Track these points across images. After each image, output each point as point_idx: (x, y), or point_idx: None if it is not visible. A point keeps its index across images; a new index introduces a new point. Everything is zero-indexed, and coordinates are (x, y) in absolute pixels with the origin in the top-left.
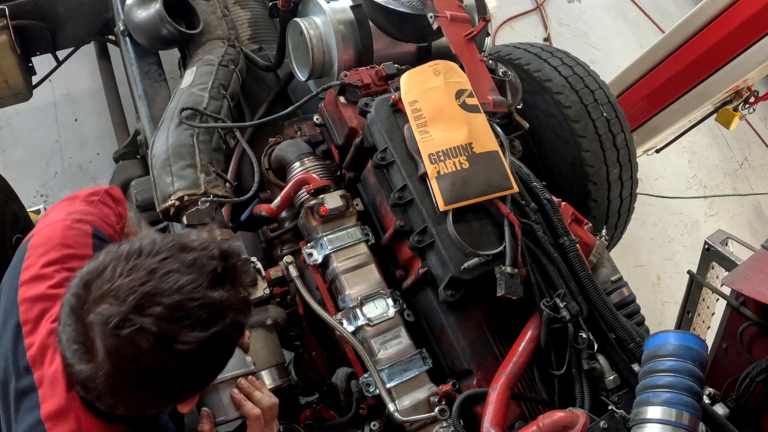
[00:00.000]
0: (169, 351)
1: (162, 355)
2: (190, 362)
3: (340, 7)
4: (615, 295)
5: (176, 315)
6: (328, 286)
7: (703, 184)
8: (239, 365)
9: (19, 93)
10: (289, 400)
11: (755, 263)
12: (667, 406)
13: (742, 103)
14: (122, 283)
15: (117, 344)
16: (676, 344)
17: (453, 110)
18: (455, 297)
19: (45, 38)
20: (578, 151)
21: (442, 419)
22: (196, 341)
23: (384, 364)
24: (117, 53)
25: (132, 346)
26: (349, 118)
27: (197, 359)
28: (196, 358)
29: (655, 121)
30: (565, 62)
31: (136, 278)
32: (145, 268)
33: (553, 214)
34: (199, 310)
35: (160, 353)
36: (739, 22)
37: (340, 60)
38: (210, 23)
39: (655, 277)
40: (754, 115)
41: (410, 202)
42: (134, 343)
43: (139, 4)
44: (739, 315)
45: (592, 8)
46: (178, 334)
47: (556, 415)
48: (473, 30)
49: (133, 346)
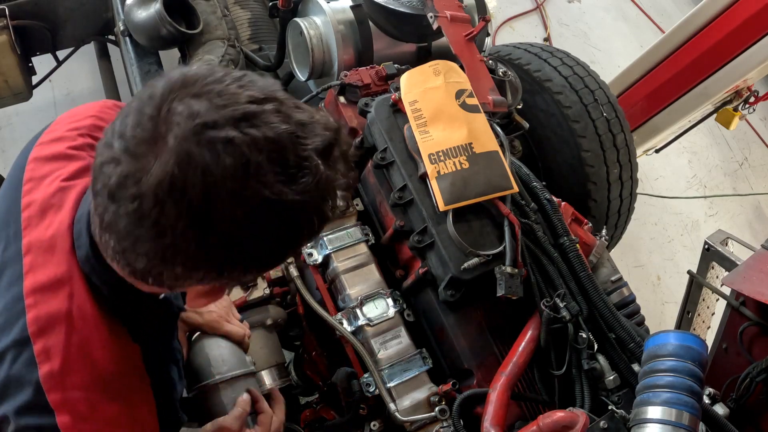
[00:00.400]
0: (245, 186)
1: (235, 187)
2: (254, 218)
3: (340, 7)
4: (615, 295)
5: (273, 154)
6: (328, 286)
7: (703, 184)
8: (239, 365)
9: (19, 93)
10: (289, 400)
11: (755, 263)
12: (667, 406)
13: (742, 103)
14: (234, 90)
15: (192, 147)
16: (676, 344)
17: (453, 110)
18: (455, 297)
19: (45, 38)
20: (578, 151)
21: (442, 419)
22: (278, 196)
23: (384, 364)
24: (117, 53)
25: (209, 154)
26: (349, 118)
27: (263, 220)
28: (263, 219)
29: (655, 121)
30: (565, 62)
31: (249, 95)
32: (261, 92)
33: (553, 214)
34: (299, 167)
35: (234, 183)
36: (739, 22)
37: (340, 60)
38: (210, 23)
39: (655, 277)
40: (754, 115)
41: (410, 202)
42: (214, 152)
43: (139, 4)
44: (739, 315)
45: (592, 8)
46: (264, 174)
47: (556, 415)
48: (473, 30)
49: (211, 154)
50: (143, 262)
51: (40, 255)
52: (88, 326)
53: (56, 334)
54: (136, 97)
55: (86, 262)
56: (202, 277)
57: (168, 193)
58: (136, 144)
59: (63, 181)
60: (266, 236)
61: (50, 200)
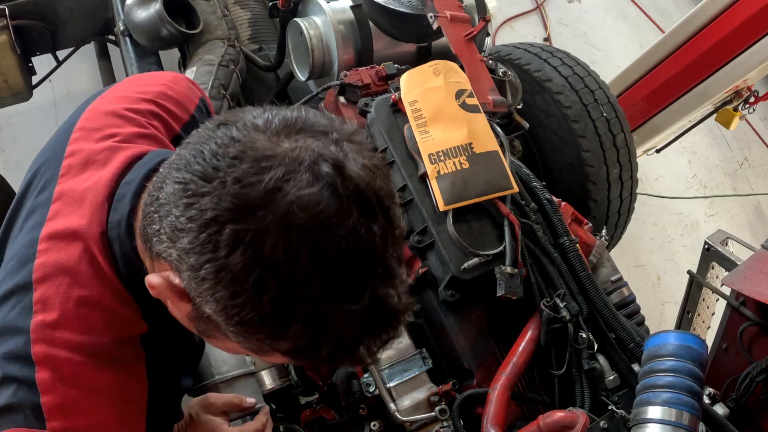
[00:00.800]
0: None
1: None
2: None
3: (340, 7)
4: (615, 295)
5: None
6: None
7: (703, 184)
8: (239, 365)
9: (19, 93)
10: (289, 400)
11: (755, 263)
12: (667, 406)
13: (742, 103)
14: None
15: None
16: (676, 344)
17: (453, 110)
18: (455, 297)
19: (45, 38)
20: (578, 151)
21: (442, 419)
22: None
23: (384, 364)
24: (117, 53)
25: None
26: (349, 118)
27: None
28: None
29: (655, 121)
30: (565, 62)
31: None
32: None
33: (553, 214)
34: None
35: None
36: (739, 22)
37: (340, 60)
38: (210, 23)
39: (655, 277)
40: (754, 115)
41: (410, 202)
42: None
43: (139, 4)
44: (739, 315)
45: (592, 8)
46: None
47: (557, 414)
48: (473, 30)
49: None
50: (164, 252)
51: (68, 205)
52: (93, 285)
53: (57, 284)
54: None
55: (116, 227)
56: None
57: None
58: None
59: (115, 142)
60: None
61: (96, 156)
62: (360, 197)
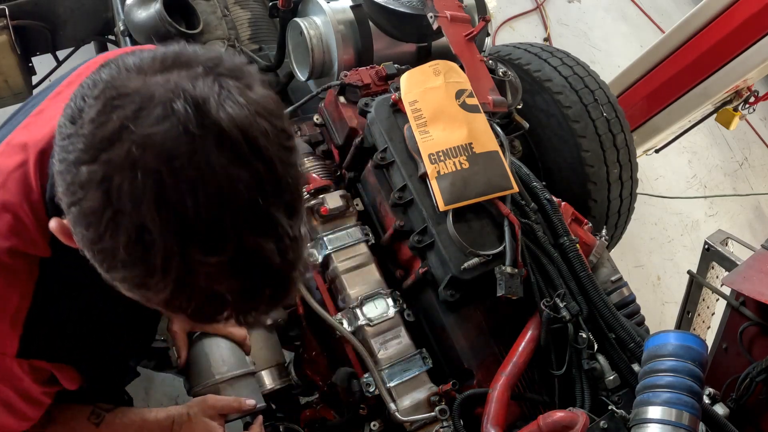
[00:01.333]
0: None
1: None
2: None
3: (340, 7)
4: (615, 295)
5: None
6: (328, 286)
7: (703, 184)
8: (239, 365)
9: (19, 93)
10: (289, 400)
11: (755, 263)
12: (667, 406)
13: (742, 103)
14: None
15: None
16: (676, 344)
17: (453, 110)
18: (455, 297)
19: (45, 38)
20: (578, 151)
21: (442, 419)
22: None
23: (384, 364)
24: None
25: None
26: (349, 118)
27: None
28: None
29: (655, 121)
30: (565, 62)
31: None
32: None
33: (553, 214)
34: None
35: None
36: (739, 22)
37: (340, 60)
38: (210, 23)
39: (655, 277)
40: (754, 115)
41: (410, 202)
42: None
43: (139, 4)
44: (739, 315)
45: (592, 8)
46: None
47: (557, 414)
48: (473, 30)
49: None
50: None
51: (38, 121)
52: (15, 192)
53: None
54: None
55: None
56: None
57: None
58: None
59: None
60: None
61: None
62: (221, 137)
